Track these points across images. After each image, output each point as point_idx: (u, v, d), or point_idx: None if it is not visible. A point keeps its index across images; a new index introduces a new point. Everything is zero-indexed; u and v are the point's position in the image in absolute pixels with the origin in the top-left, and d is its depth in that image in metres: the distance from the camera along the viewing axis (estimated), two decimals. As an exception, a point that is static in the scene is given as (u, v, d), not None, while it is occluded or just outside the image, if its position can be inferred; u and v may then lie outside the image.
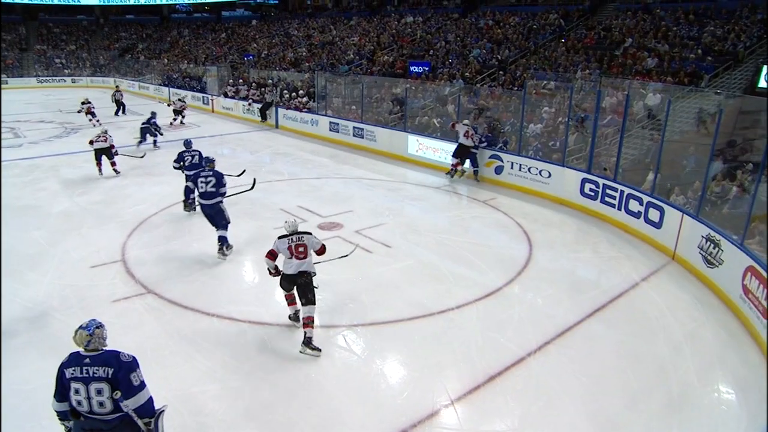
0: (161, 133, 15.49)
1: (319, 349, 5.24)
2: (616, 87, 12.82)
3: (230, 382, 4.88)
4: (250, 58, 29.17)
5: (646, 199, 8.35)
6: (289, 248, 5.39)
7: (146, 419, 3.22)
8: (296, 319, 5.70)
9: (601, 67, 15.27)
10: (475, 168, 11.74)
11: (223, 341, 5.50)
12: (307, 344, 5.24)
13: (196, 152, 9.48)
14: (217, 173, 7.59)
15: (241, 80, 23.03)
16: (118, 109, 21.97)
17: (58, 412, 3.28)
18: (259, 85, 21.34)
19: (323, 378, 4.95)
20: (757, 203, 6.43)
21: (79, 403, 3.15)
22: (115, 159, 12.03)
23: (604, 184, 9.33)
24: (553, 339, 5.61)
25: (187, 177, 9.23)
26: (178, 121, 19.41)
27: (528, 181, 11.00)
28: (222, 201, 7.59)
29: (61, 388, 3.20)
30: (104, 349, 3.26)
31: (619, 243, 8.40)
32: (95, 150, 11.75)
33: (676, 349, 5.56)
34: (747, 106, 10.24)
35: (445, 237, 8.54)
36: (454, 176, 11.94)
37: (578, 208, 9.88)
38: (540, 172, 10.73)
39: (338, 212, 9.53)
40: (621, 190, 8.94)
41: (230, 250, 7.61)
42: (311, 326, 5.31)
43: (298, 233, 5.50)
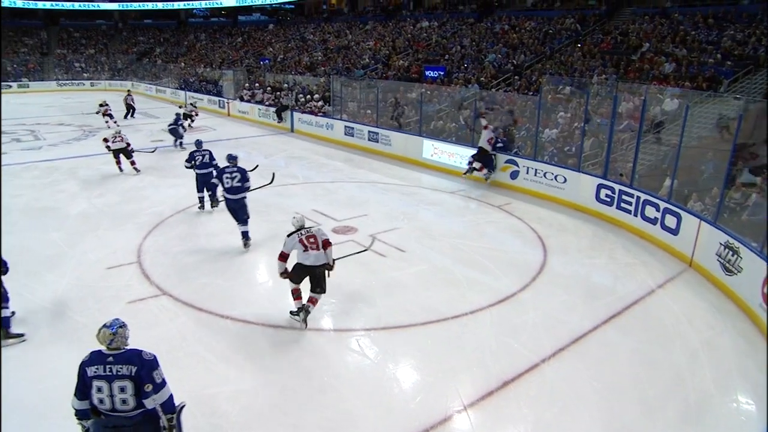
0: (184, 130, 16.35)
1: (306, 324, 5.69)
2: (632, 92, 12.68)
3: (243, 385, 4.91)
4: (266, 62, 29.39)
5: (663, 205, 8.26)
6: (300, 241, 5.67)
7: (169, 415, 3.31)
8: (297, 315, 5.79)
9: (618, 72, 15.14)
10: (490, 171, 11.71)
11: (236, 343, 5.55)
12: (304, 312, 5.68)
13: (206, 151, 9.75)
14: (241, 169, 8.06)
15: (257, 84, 23.22)
16: (128, 113, 22.29)
17: (77, 411, 3.32)
18: (275, 89, 21.50)
19: (336, 381, 4.97)
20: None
21: (101, 401, 3.20)
22: (134, 158, 12.55)
23: (620, 189, 9.24)
24: (568, 345, 5.57)
25: (197, 176, 9.61)
26: (187, 123, 19.59)
27: (543, 186, 10.94)
28: (246, 197, 8.02)
29: (83, 386, 3.24)
30: (126, 347, 3.32)
31: (635, 249, 8.31)
32: (113, 150, 12.27)
33: (692, 357, 5.48)
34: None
35: (459, 242, 8.52)
36: (466, 175, 12.02)
37: (594, 213, 9.79)
38: (555, 177, 10.67)
39: (353, 216, 9.56)
40: (637, 196, 8.85)
41: (250, 241, 8.14)
42: (315, 304, 5.78)
43: (305, 228, 5.84)
